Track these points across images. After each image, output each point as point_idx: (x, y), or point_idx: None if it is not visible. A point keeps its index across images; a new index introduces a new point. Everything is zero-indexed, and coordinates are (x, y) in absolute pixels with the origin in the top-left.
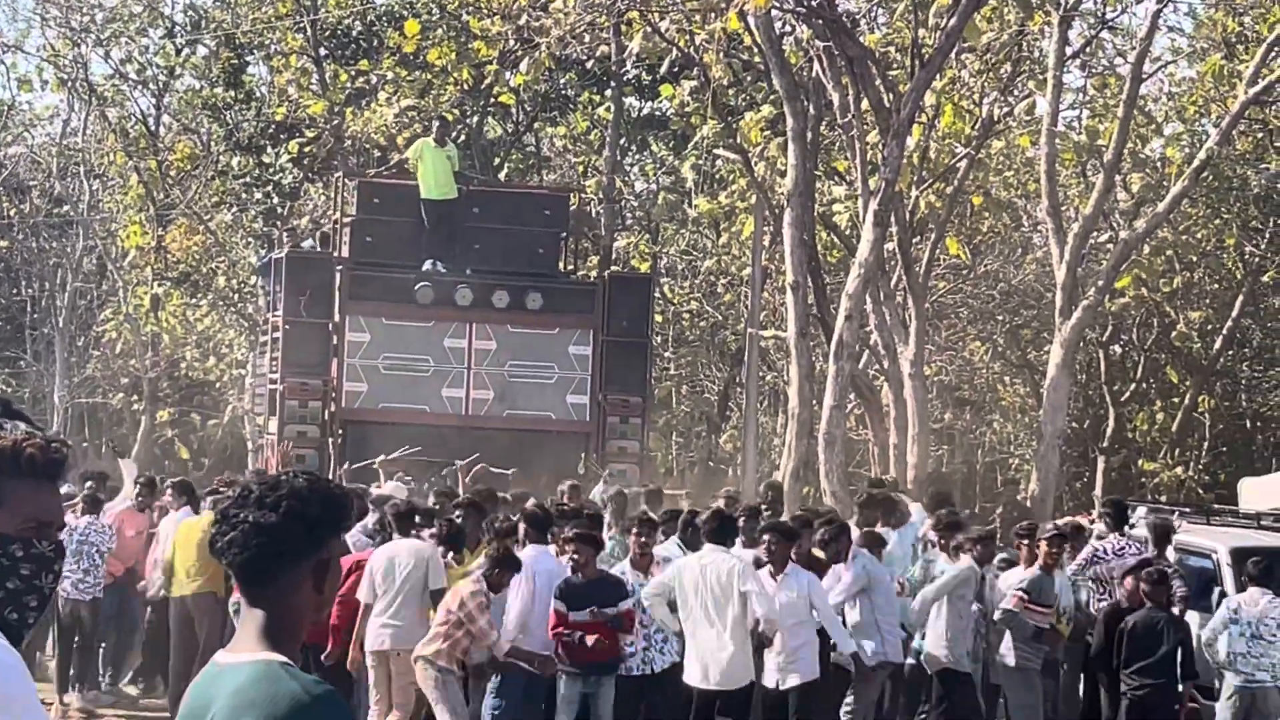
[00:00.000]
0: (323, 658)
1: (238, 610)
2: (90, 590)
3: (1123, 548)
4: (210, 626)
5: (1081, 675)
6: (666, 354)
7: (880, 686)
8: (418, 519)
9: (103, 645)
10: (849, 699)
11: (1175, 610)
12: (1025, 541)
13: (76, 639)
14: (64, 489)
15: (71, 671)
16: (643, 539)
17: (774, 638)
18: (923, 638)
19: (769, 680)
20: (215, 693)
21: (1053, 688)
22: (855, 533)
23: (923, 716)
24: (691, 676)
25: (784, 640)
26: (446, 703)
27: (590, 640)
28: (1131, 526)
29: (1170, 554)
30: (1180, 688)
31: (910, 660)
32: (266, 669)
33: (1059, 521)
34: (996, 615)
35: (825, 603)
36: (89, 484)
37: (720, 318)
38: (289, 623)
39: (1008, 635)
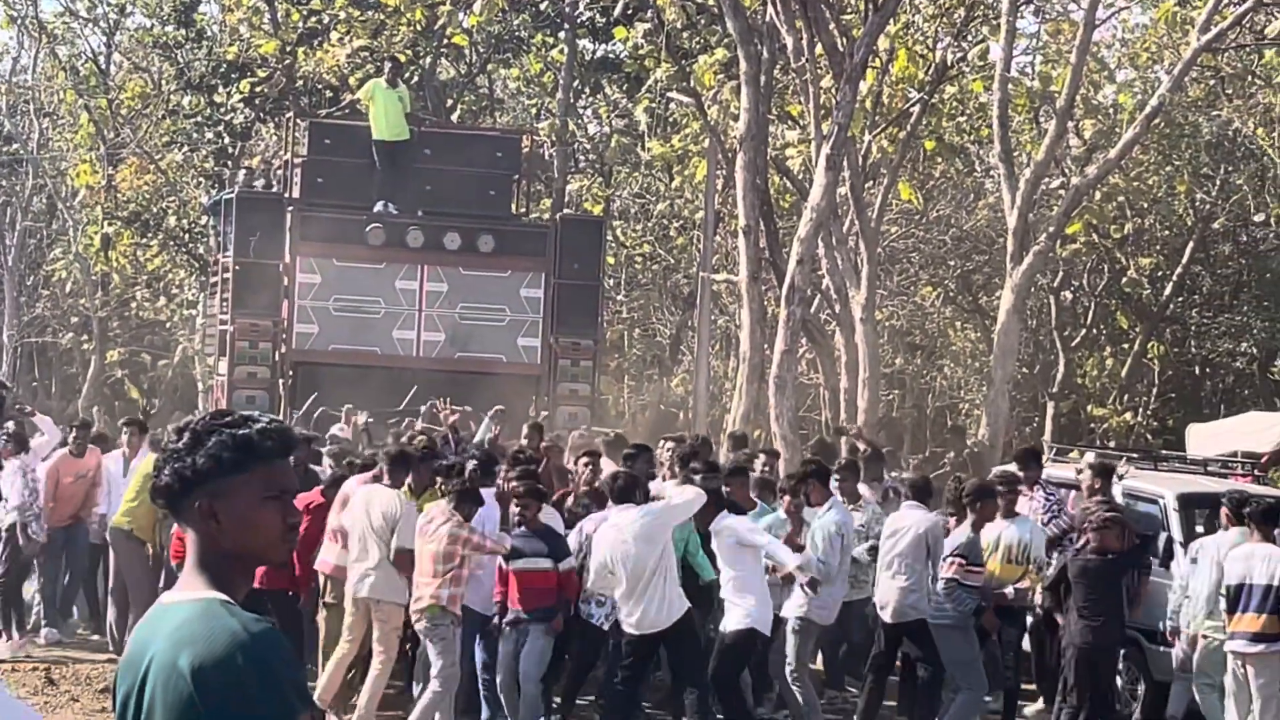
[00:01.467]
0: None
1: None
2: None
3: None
4: (128, 564)
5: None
6: (619, 297)
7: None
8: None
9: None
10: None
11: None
12: (1002, 490)
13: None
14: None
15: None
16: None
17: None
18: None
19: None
20: (157, 631)
21: (1015, 636)
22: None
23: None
24: (627, 625)
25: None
26: (450, 654)
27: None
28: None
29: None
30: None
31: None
32: (206, 606)
33: (995, 471)
34: (939, 586)
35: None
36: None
37: (672, 261)
38: (215, 558)
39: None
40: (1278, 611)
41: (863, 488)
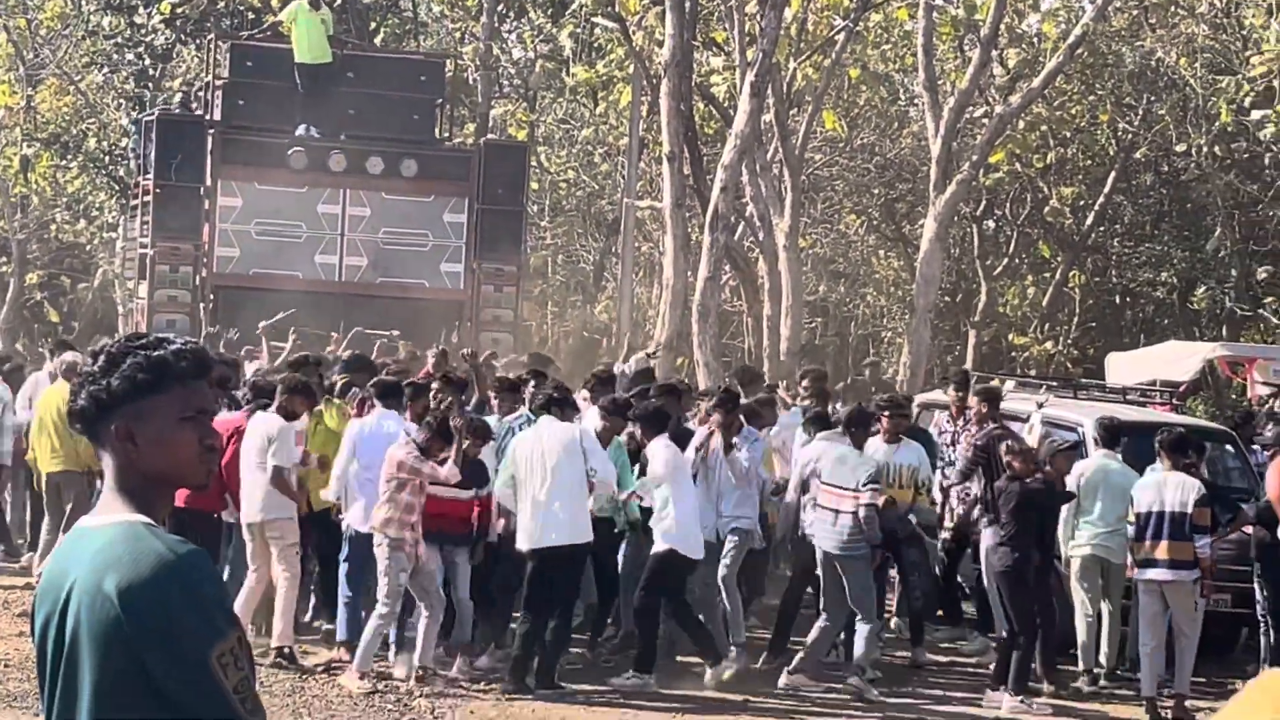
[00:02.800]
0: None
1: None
2: None
3: None
4: (77, 498)
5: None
6: (543, 223)
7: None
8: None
9: None
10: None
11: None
12: (885, 414)
13: None
14: None
15: None
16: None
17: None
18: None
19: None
20: (78, 556)
21: (919, 558)
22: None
23: None
24: (523, 541)
25: None
26: (390, 575)
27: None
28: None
29: (1041, 427)
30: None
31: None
32: (129, 529)
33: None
34: (862, 514)
35: None
36: None
37: (597, 187)
38: (135, 481)
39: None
40: (1189, 539)
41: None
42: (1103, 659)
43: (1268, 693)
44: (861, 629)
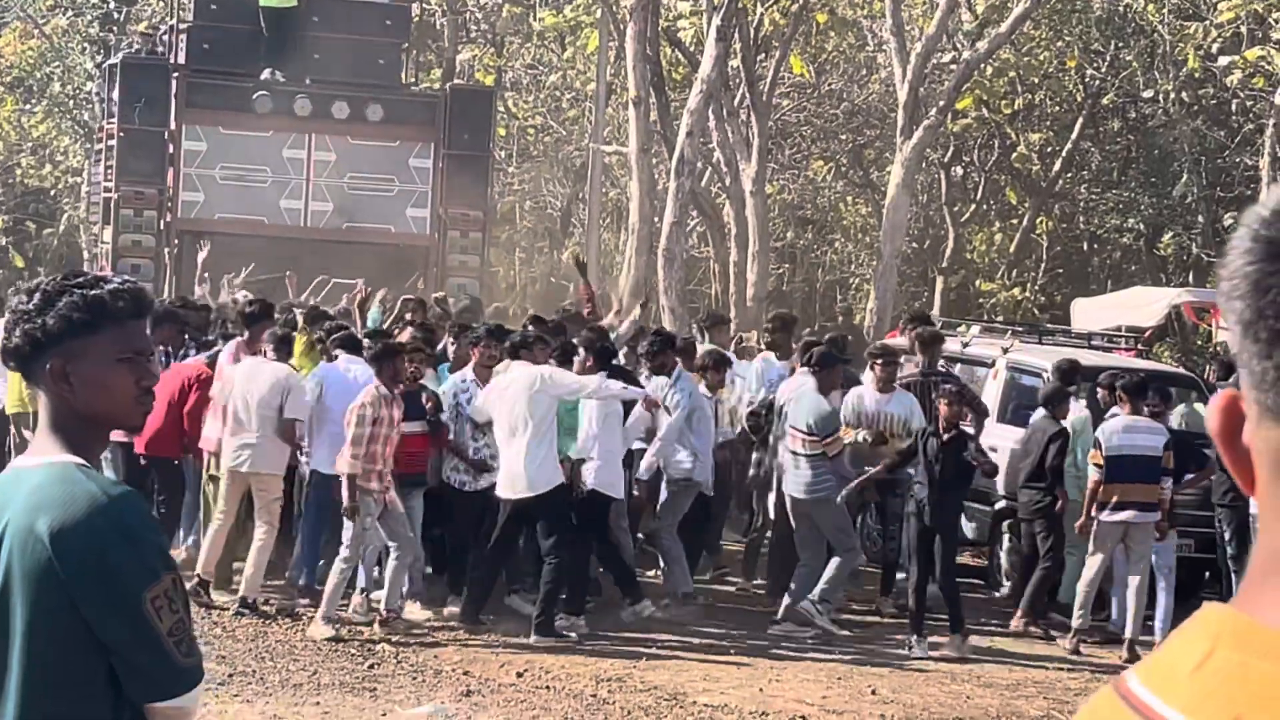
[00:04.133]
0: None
1: None
2: None
3: None
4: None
5: None
6: (510, 169)
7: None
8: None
9: None
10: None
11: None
12: (878, 362)
13: None
14: None
15: None
16: (489, 351)
17: None
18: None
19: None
20: (11, 496)
21: (898, 507)
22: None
23: None
24: (502, 489)
25: None
26: (355, 521)
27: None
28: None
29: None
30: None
31: None
32: (63, 470)
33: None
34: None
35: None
36: None
37: (564, 133)
38: (69, 421)
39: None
40: (1157, 481)
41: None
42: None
43: (1205, 625)
44: (834, 560)
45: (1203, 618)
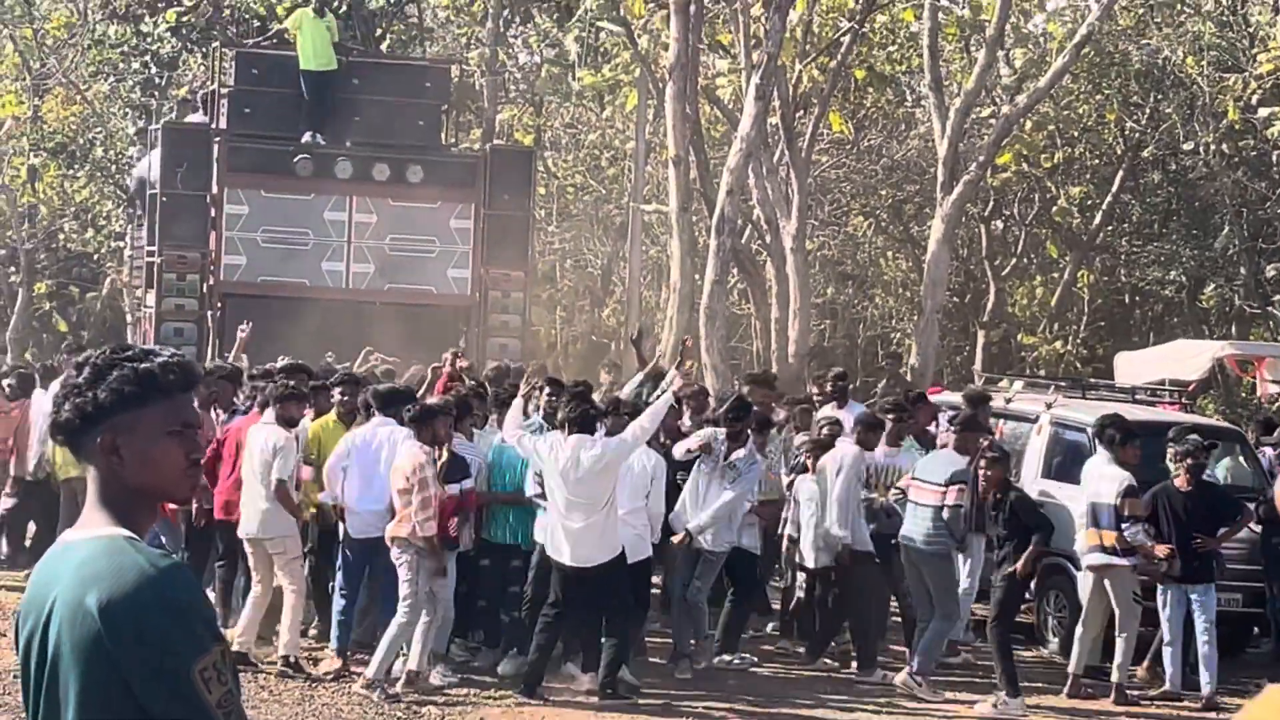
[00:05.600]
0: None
1: None
2: None
3: None
4: None
5: None
6: (550, 228)
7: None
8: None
9: None
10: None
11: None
12: (889, 416)
13: None
14: None
15: None
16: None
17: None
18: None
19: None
20: (61, 569)
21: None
22: None
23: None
24: (559, 555)
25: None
26: (412, 583)
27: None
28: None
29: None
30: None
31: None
32: (111, 543)
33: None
34: (945, 513)
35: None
36: None
37: (604, 192)
38: (118, 494)
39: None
40: (1117, 527)
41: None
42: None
43: (1271, 707)
44: (932, 625)
45: (1268, 700)
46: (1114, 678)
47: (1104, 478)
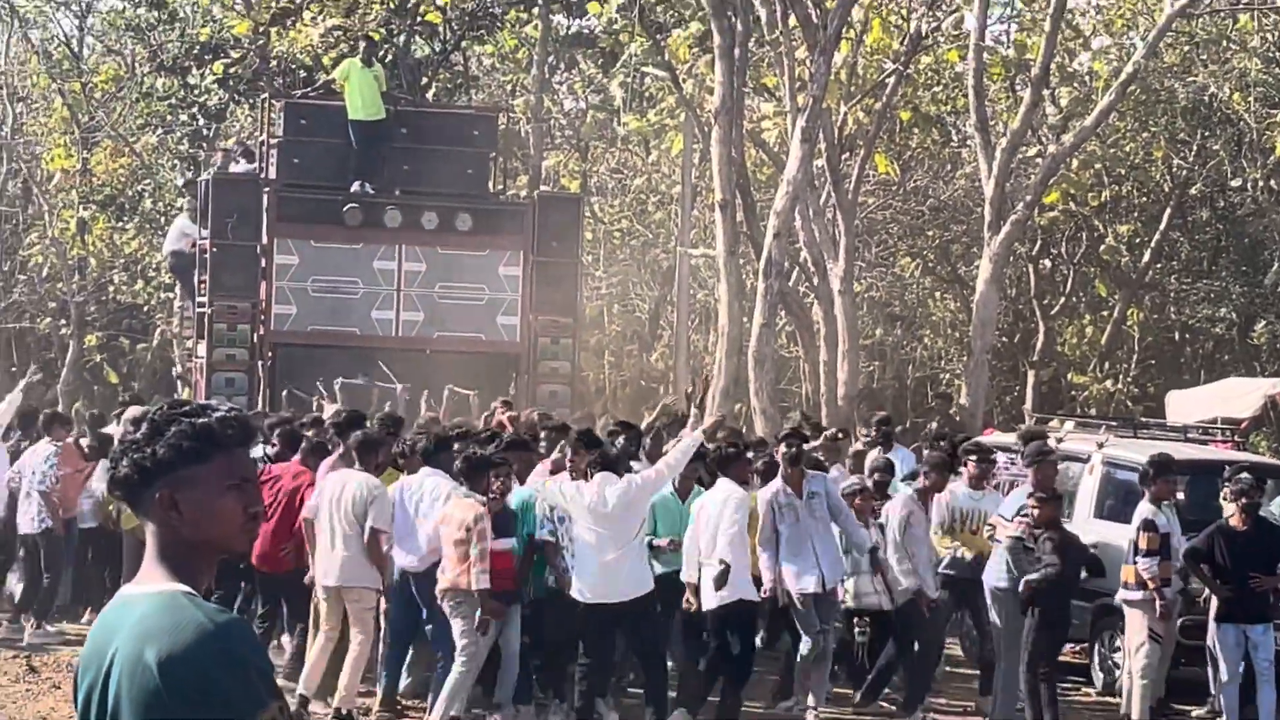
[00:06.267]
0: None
1: None
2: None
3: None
4: None
5: None
6: (597, 273)
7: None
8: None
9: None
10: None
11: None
12: (972, 459)
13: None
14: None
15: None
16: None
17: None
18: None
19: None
20: (119, 625)
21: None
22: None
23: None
24: (595, 595)
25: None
26: (472, 632)
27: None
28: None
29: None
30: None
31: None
32: (170, 599)
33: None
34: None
35: None
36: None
37: (650, 236)
38: (177, 549)
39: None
40: (1133, 561)
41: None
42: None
43: None
44: (997, 673)
45: None
46: (1123, 710)
47: (1139, 513)
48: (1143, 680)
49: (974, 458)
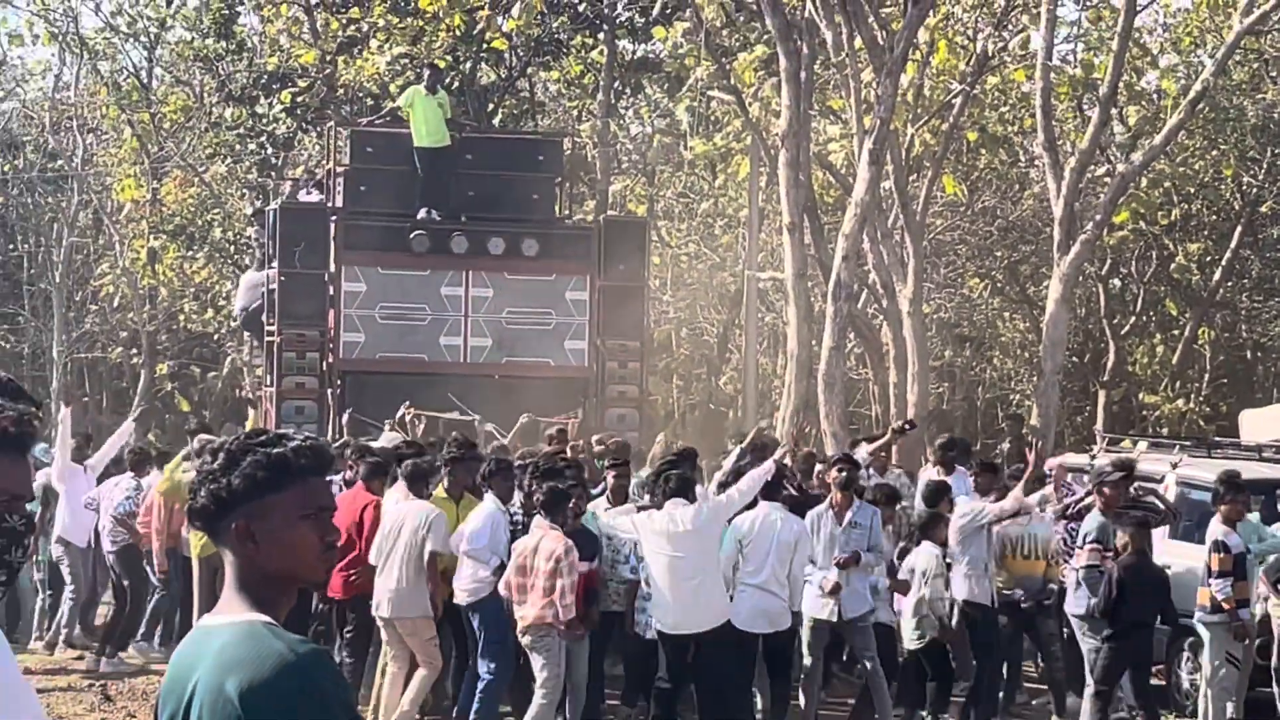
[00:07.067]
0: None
1: None
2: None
3: None
4: None
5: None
6: (665, 297)
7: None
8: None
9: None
10: None
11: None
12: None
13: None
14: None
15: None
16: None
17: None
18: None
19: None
20: (200, 655)
21: (1055, 628)
22: None
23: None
24: (667, 625)
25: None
26: (554, 665)
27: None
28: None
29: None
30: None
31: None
32: (250, 629)
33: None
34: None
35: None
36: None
37: (718, 259)
38: (255, 579)
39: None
40: (1206, 583)
41: None
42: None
43: None
44: (1086, 694)
45: None
46: None
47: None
48: (1220, 703)
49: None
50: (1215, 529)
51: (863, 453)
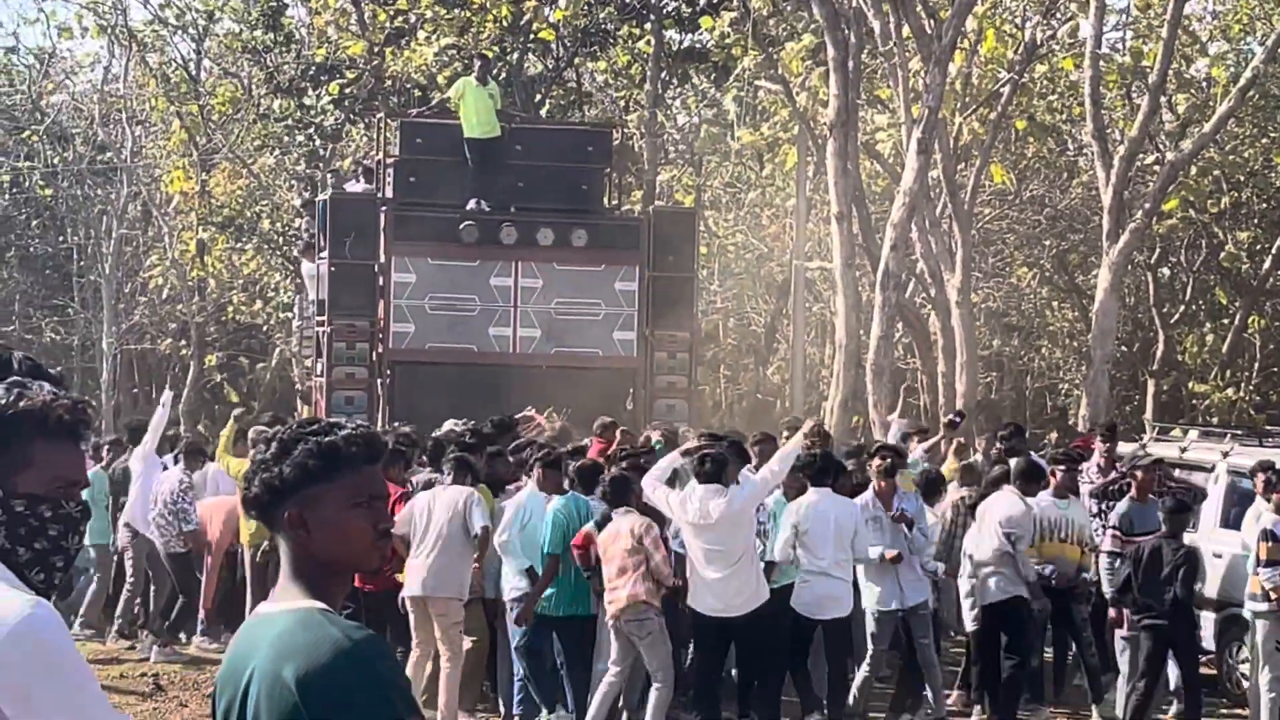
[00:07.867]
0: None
1: None
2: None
3: None
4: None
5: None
6: (713, 287)
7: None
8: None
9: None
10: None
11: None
12: (1061, 468)
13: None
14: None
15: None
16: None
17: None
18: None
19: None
20: (256, 642)
21: (1088, 614)
22: None
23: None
24: (706, 608)
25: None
26: (662, 646)
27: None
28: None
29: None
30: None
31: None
32: (306, 616)
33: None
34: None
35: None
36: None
37: (766, 249)
38: (309, 567)
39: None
40: (1256, 572)
41: None
42: None
43: None
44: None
45: None
46: None
47: (1262, 520)
48: (1271, 693)
49: (1061, 466)
50: (1263, 518)
51: (918, 451)
